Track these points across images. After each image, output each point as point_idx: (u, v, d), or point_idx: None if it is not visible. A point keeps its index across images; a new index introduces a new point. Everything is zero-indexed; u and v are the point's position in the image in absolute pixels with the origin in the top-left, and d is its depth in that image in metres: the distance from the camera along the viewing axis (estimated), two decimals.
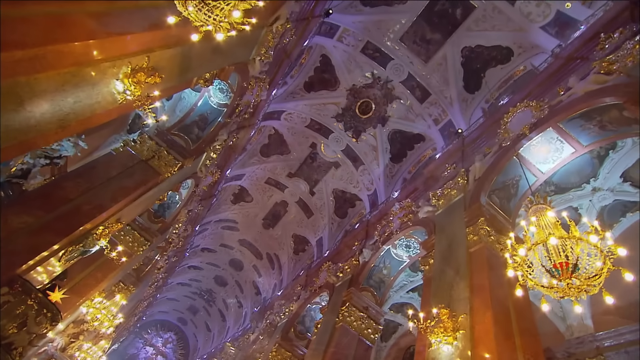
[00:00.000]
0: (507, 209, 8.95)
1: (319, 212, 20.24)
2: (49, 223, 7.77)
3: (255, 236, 23.92)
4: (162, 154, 10.42)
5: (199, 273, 29.55)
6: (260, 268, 25.35)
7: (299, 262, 22.09)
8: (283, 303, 17.82)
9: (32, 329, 6.80)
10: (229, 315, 30.52)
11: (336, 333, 10.30)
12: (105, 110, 5.60)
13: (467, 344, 5.60)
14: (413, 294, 13.68)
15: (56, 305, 7.25)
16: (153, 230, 14.50)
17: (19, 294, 6.97)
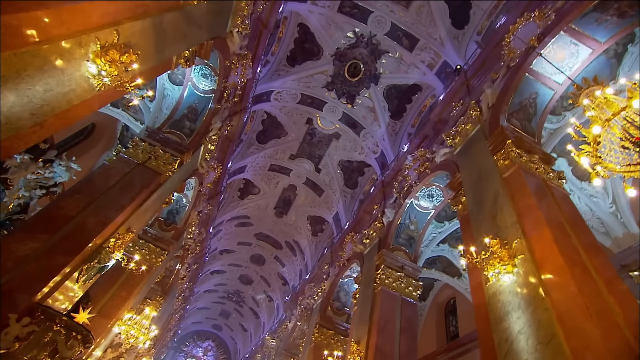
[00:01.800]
0: (529, 130, 8.34)
1: (329, 188, 19.70)
2: (56, 244, 7.26)
3: (271, 227, 23.49)
4: (158, 154, 9.83)
5: (223, 276, 29.31)
6: (282, 258, 25.02)
7: (320, 242, 21.71)
8: (313, 285, 17.50)
9: (65, 354, 6.37)
10: (262, 311, 30.43)
11: (377, 298, 9.88)
12: (82, 100, 4.98)
13: (530, 267, 5.09)
14: (443, 245, 13.21)
15: (85, 327, 6.77)
16: (167, 239, 14.04)
17: (43, 322, 6.51)
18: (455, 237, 13.11)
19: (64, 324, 6.63)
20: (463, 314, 14.02)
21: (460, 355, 12.68)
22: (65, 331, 6.64)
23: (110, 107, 12.87)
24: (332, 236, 19.62)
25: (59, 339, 6.53)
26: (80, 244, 7.47)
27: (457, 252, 13.31)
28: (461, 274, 13.33)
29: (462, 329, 13.71)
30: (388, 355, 8.57)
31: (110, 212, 8.20)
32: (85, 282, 8.10)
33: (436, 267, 13.90)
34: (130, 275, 12.82)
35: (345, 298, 14.80)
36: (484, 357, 5.19)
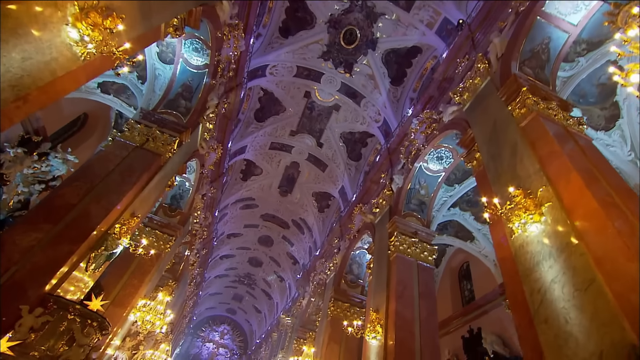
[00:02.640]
0: (543, 78, 7.92)
1: (332, 162, 19.37)
2: (60, 233, 7.03)
3: (276, 207, 23.32)
4: (156, 135, 9.48)
5: (233, 260, 29.42)
6: (290, 237, 24.98)
7: (327, 218, 21.57)
8: (324, 261, 17.45)
9: (82, 342, 6.26)
10: (274, 292, 30.73)
11: (393, 265, 9.73)
12: (68, 72, 4.61)
13: (559, 214, 4.82)
14: (454, 209, 13.00)
15: (99, 314, 6.63)
16: (173, 224, 13.88)
17: (56, 312, 6.39)
18: (466, 200, 12.89)
19: (77, 312, 6.51)
20: (477, 277, 13.97)
21: (477, 317, 12.70)
22: (80, 319, 6.53)
23: (101, 94, 12.45)
24: (339, 210, 19.46)
25: (74, 327, 6.41)
26: (85, 231, 7.24)
27: (468, 216, 13.13)
28: (474, 238, 13.18)
29: (477, 291, 13.68)
30: (409, 321, 8.47)
31: (112, 198, 7.94)
32: (95, 270, 7.94)
33: (448, 233, 13.73)
34: (140, 263, 12.75)
35: (358, 270, 14.73)
36: (515, 310, 5.00)
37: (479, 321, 12.46)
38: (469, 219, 13.02)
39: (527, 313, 4.71)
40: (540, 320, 4.44)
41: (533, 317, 4.59)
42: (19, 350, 5.76)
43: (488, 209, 5.68)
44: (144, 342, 14.82)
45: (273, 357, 20.69)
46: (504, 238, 5.64)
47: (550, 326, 4.27)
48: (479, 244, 13.15)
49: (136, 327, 14.69)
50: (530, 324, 4.61)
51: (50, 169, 11.10)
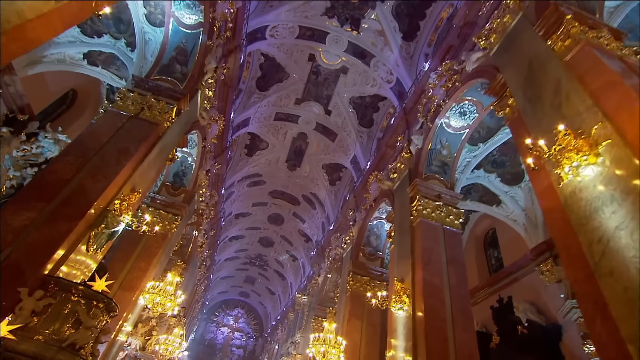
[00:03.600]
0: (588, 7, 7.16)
1: (342, 131, 18.79)
2: (55, 212, 6.75)
3: (285, 182, 22.98)
4: (151, 103, 9.03)
5: (242, 242, 29.47)
6: (301, 213, 24.77)
7: (340, 191, 21.21)
8: (339, 235, 17.21)
9: (88, 324, 6.06)
10: (287, 272, 30.89)
11: (417, 231, 9.35)
12: (39, 15, 4.11)
13: (622, 152, 4.29)
14: (478, 171, 12.46)
15: (105, 294, 6.39)
16: (178, 203, 13.66)
17: (58, 294, 6.17)
18: (491, 160, 12.33)
19: (81, 293, 6.28)
20: (506, 243, 13.57)
21: (507, 285, 12.40)
22: (84, 301, 6.31)
23: (88, 66, 11.95)
24: (352, 181, 19.04)
25: (79, 309, 6.20)
26: (81, 208, 6.95)
27: (494, 178, 12.59)
28: (500, 202, 12.67)
29: (506, 259, 13.32)
30: (437, 289, 8.15)
31: (109, 171, 7.60)
32: (97, 250, 7.69)
33: (471, 197, 13.24)
34: (146, 245, 12.62)
35: (377, 242, 14.44)
36: (570, 265, 4.57)
37: (508, 290, 12.16)
38: (495, 181, 12.49)
39: (585, 267, 4.28)
40: (604, 273, 4.01)
41: (593, 271, 4.15)
42: (21, 335, 5.55)
43: (531, 153, 5.15)
44: (156, 327, 14.91)
45: (291, 338, 20.87)
46: (549, 188, 5.14)
47: (617, 279, 3.83)
48: (507, 208, 12.66)
49: (147, 313, 14.83)
50: (589, 278, 4.18)
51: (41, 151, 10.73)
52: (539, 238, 11.24)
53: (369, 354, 12.04)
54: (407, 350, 7.83)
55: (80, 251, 7.22)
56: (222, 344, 39.29)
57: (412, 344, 7.68)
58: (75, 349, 5.99)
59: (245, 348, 39.76)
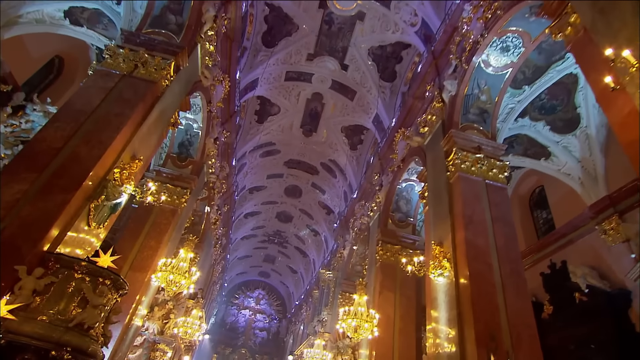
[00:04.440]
0: None
1: (361, 87, 18.02)
2: (48, 183, 6.54)
3: (301, 150, 22.57)
4: (145, 59, 8.60)
5: (259, 218, 29.57)
6: (321, 183, 24.47)
7: (362, 155, 20.68)
8: (364, 203, 16.84)
9: (96, 302, 5.93)
10: (309, 248, 31.03)
11: (455, 188, 8.83)
12: None
13: None
14: (523, 120, 11.65)
15: (112, 270, 6.22)
16: (186, 176, 13.48)
17: (60, 271, 6.06)
18: (538, 106, 11.48)
19: (85, 269, 6.14)
20: (557, 202, 12.87)
21: (560, 249, 11.84)
22: (89, 277, 6.18)
23: (71, 26, 11.50)
24: (375, 143, 18.43)
25: (84, 287, 6.07)
26: (77, 178, 6.72)
27: (541, 126, 11.77)
28: (549, 154, 11.87)
29: (557, 219, 12.66)
30: (483, 251, 7.70)
31: (104, 137, 7.31)
32: (99, 225, 7.52)
33: (514, 151, 12.47)
34: (155, 222, 12.56)
35: (407, 207, 14.00)
36: None
37: (561, 254, 11.59)
38: (543, 130, 11.67)
39: None
40: None
41: None
42: (24, 316, 5.46)
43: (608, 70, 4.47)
44: (174, 310, 15.09)
45: (317, 316, 21.04)
46: (632, 114, 4.49)
47: None
48: (557, 161, 11.87)
49: (163, 295, 15.03)
50: None
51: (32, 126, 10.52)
52: (600, 193, 10.51)
53: (405, 328, 11.88)
54: (450, 320, 7.49)
55: (80, 227, 7.05)
56: (244, 327, 40.34)
57: (456, 313, 7.33)
58: (83, 329, 5.89)
59: (268, 330, 40.77)
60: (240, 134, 19.44)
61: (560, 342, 9.61)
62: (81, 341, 5.77)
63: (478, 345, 6.51)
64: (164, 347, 14.49)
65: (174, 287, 10.07)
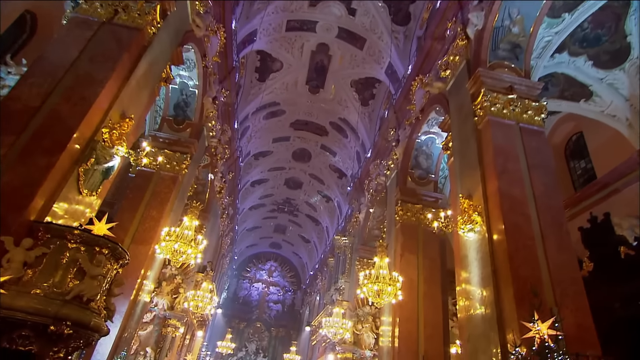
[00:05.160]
0: None
1: (372, 34, 17.12)
2: (29, 145, 6.23)
3: (307, 109, 21.97)
4: (126, 3, 8.06)
5: (266, 186, 29.39)
6: (331, 145, 24.02)
7: (374, 111, 20.06)
8: (379, 162, 16.43)
9: (94, 272, 5.76)
10: (321, 216, 30.99)
11: (484, 134, 8.32)
12: None
13: None
14: (560, 55, 10.84)
15: (109, 238, 5.96)
16: (185, 140, 13.17)
17: (52, 241, 5.87)
18: (579, 38, 10.66)
19: (79, 238, 5.92)
20: (598, 148, 12.26)
21: (601, 200, 11.40)
22: (84, 247, 5.99)
23: None
24: (389, 96, 17.74)
25: (80, 257, 5.88)
26: (60, 138, 6.37)
27: (582, 62, 11.00)
28: (591, 94, 11.12)
29: (599, 167, 12.09)
30: (519, 201, 7.28)
31: (87, 92, 6.89)
32: (92, 192, 7.23)
33: (549, 94, 11.73)
34: (155, 191, 12.38)
35: (427, 162, 13.57)
36: None
37: (603, 205, 11.13)
38: (584, 67, 10.91)
39: None
40: None
41: None
42: (16, 290, 5.32)
43: None
44: (183, 284, 15.16)
45: (333, 285, 21.13)
46: None
47: None
48: (601, 101, 11.15)
49: (171, 270, 15.06)
50: None
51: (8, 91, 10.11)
52: None
53: (429, 292, 11.74)
54: (484, 279, 7.19)
55: (70, 194, 6.77)
56: (257, 300, 41.12)
57: (490, 270, 7.02)
58: (83, 302, 5.73)
59: (283, 302, 41.54)
60: (241, 94, 18.86)
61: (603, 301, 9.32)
62: (81, 314, 5.63)
63: (517, 303, 6.24)
64: (176, 323, 14.67)
65: (180, 258, 9.91)
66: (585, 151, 12.89)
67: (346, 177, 24.69)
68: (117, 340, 10.92)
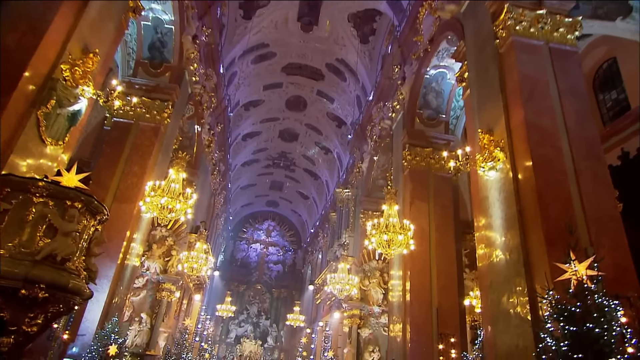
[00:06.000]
0: None
1: None
2: None
3: (300, 50, 21.05)
4: None
5: (259, 139, 28.87)
6: (328, 90, 23.33)
7: (375, 48, 19.19)
8: (383, 105, 15.85)
9: (66, 229, 5.35)
10: (319, 169, 30.72)
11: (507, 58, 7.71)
12: None
13: None
14: None
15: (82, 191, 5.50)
16: (164, 85, 12.61)
17: (13, 195, 5.38)
18: None
19: (45, 191, 5.42)
20: (632, 75, 11.55)
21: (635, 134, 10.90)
22: (54, 201, 5.50)
23: None
24: (392, 30, 16.80)
25: (49, 212, 5.42)
26: (9, 74, 5.78)
27: None
28: (630, 10, 10.21)
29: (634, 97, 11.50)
30: (549, 132, 6.83)
31: (36, 21, 6.19)
32: (58, 141, 6.68)
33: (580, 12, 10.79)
34: (135, 144, 11.93)
35: (438, 101, 13.03)
36: None
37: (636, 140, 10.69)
38: None
39: None
40: None
41: None
42: None
43: None
44: (175, 246, 14.95)
45: (336, 241, 21.11)
46: None
47: None
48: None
49: (161, 231, 14.81)
50: None
51: None
52: None
53: (442, 241, 11.65)
54: (508, 221, 6.88)
55: (32, 144, 6.27)
56: (256, 262, 41.56)
57: (515, 210, 6.70)
58: (57, 262, 5.35)
59: (283, 263, 42.05)
60: (225, 34, 17.86)
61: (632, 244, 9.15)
62: (56, 275, 5.26)
63: (548, 244, 5.96)
64: (170, 287, 14.59)
65: (168, 215, 9.52)
66: (617, 79, 12.24)
67: (346, 126, 24.12)
68: (107, 306, 10.83)
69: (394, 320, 11.96)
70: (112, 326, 10.30)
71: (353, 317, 14.62)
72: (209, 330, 29.54)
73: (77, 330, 10.14)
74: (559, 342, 4.82)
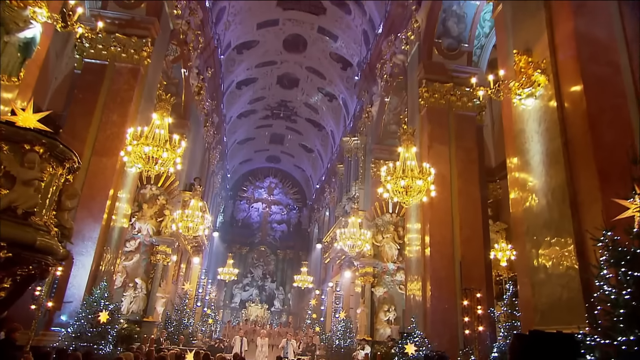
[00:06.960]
0: None
1: None
2: None
3: None
4: None
5: (255, 87, 28.23)
6: (330, 26, 22.47)
7: None
8: (394, 37, 15.09)
9: (26, 176, 5.03)
10: (324, 118, 30.21)
11: None
12: None
13: None
14: None
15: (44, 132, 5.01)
16: (142, 18, 11.99)
17: None
18: None
19: None
20: None
21: None
22: (8, 144, 5.06)
23: None
24: None
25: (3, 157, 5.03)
26: None
27: None
28: None
29: None
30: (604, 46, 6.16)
31: None
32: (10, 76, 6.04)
33: None
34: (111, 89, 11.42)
35: (459, 28, 12.40)
36: None
37: None
38: None
39: None
40: None
41: None
42: None
43: None
44: (167, 205, 14.67)
45: (345, 195, 20.83)
46: None
47: None
48: None
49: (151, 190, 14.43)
50: None
51: None
52: None
53: (465, 188, 11.34)
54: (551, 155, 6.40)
55: None
56: (258, 222, 41.69)
57: (560, 143, 6.19)
58: (19, 216, 4.94)
59: (288, 222, 42.18)
60: None
61: None
62: (19, 231, 4.88)
63: (602, 178, 5.48)
64: (165, 249, 14.47)
65: (154, 165, 8.99)
66: None
67: (352, 67, 23.43)
68: (94, 270, 10.63)
69: (412, 276, 11.78)
70: (100, 291, 10.09)
71: (366, 275, 14.54)
72: (211, 295, 29.95)
73: (63, 297, 9.98)
74: (620, 290, 4.41)
